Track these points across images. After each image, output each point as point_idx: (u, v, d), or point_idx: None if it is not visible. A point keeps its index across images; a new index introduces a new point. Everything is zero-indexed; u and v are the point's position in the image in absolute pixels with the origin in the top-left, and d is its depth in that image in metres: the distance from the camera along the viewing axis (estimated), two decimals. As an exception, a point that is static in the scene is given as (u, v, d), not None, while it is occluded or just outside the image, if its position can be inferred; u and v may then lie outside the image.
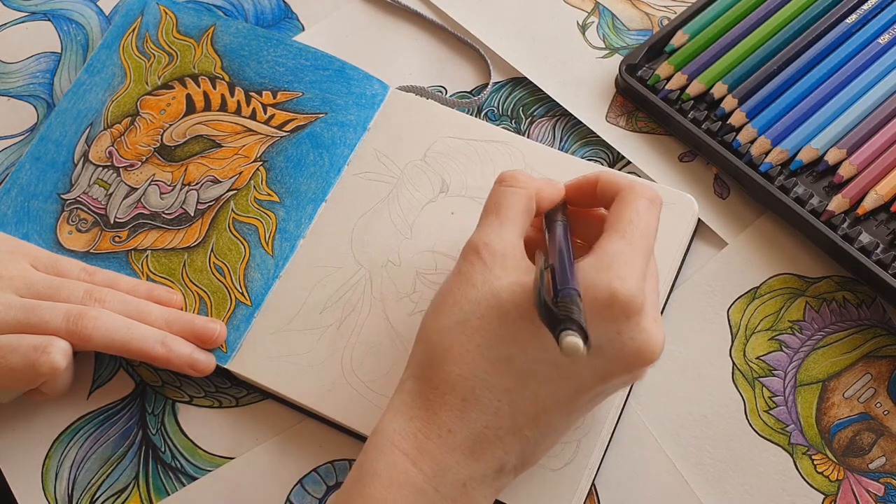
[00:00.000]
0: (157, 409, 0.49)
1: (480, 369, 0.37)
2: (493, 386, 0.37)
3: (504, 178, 0.42)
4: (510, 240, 0.40)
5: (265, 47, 0.56)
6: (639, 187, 0.40)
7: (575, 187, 0.43)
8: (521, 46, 0.58)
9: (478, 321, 0.38)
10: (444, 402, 0.38)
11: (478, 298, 0.38)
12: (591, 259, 0.38)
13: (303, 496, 0.46)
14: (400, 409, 0.39)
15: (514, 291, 0.38)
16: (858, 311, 0.49)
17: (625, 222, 0.39)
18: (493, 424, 0.37)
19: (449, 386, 0.38)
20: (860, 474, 0.45)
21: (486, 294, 0.38)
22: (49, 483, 0.47)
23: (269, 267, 0.50)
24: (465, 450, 0.37)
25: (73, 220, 0.52)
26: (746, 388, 0.47)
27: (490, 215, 0.41)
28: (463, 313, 0.38)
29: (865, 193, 0.49)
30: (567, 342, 0.32)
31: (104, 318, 0.46)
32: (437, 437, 0.37)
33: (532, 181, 0.42)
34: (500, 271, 0.38)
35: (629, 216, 0.39)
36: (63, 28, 0.61)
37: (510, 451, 0.38)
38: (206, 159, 0.53)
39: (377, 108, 0.55)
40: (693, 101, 0.54)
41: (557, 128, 0.55)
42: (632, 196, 0.40)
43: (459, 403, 0.37)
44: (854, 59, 0.53)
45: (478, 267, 0.39)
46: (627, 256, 0.37)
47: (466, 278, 0.39)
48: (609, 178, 0.42)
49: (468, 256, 0.40)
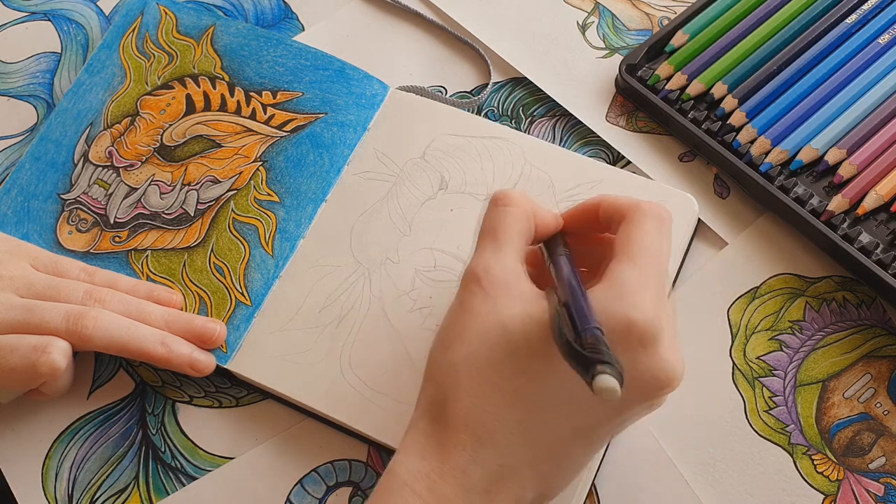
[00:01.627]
0: (157, 409, 0.49)
1: (491, 403, 0.36)
2: (505, 419, 0.36)
3: (498, 198, 0.40)
4: (510, 265, 0.38)
5: (265, 47, 0.56)
6: (645, 206, 0.39)
7: (574, 216, 0.42)
8: (521, 46, 0.58)
9: (487, 353, 0.36)
10: (458, 442, 0.36)
11: (485, 331, 0.37)
12: (603, 288, 0.36)
13: (303, 496, 0.46)
14: (412, 449, 0.37)
15: (523, 322, 0.36)
16: (858, 311, 0.49)
17: (634, 246, 0.37)
18: (507, 461, 0.36)
19: (462, 423, 0.36)
20: (860, 474, 0.45)
21: (494, 325, 0.37)
22: (49, 483, 0.47)
23: (269, 267, 0.50)
24: (481, 490, 0.36)
25: (73, 220, 0.52)
26: (746, 388, 0.47)
27: (487, 239, 0.39)
28: (470, 347, 0.37)
29: (865, 193, 0.49)
30: (603, 384, 0.31)
31: (104, 318, 0.46)
32: (452, 479, 0.36)
33: (528, 201, 0.40)
34: (504, 300, 0.37)
35: (638, 238, 0.38)
36: (63, 28, 0.61)
37: (527, 485, 0.37)
38: (206, 159, 0.53)
39: (377, 108, 0.55)
40: (693, 101, 0.54)
41: (557, 128, 0.55)
42: (639, 217, 0.38)
43: (473, 442, 0.36)
44: (854, 59, 0.53)
45: (480, 297, 0.37)
46: (640, 282, 0.36)
47: (470, 309, 0.37)
48: (612, 203, 0.40)
49: (469, 286, 0.38)
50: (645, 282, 0.36)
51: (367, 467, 0.47)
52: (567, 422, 0.36)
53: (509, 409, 0.36)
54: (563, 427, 0.36)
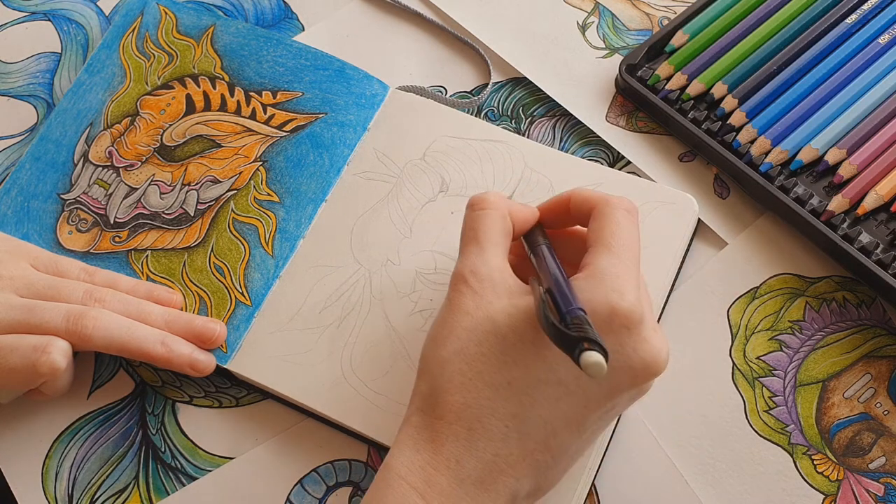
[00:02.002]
0: (157, 409, 0.49)
1: (484, 396, 0.37)
2: (498, 412, 0.37)
3: (475, 202, 0.42)
4: (495, 263, 0.39)
5: (265, 47, 0.56)
6: (614, 200, 0.41)
7: (548, 209, 0.43)
8: (521, 46, 0.58)
9: (476, 347, 0.37)
10: (451, 433, 0.37)
11: (474, 325, 0.38)
12: (584, 276, 0.38)
13: (303, 496, 0.46)
14: (407, 443, 0.38)
15: (510, 314, 0.37)
16: (858, 311, 0.49)
17: (608, 236, 0.39)
18: (502, 452, 0.37)
19: (454, 416, 0.37)
20: (860, 474, 0.45)
21: (482, 320, 0.38)
22: (49, 483, 0.47)
23: (269, 267, 0.50)
24: (476, 480, 0.37)
25: (73, 220, 0.52)
26: (746, 388, 0.47)
27: (470, 243, 0.40)
28: (460, 342, 0.38)
29: (865, 193, 0.49)
30: (589, 360, 0.32)
31: (104, 318, 0.46)
32: (446, 469, 0.37)
33: (504, 201, 0.42)
34: (491, 296, 0.38)
35: (611, 229, 0.39)
36: (63, 28, 0.61)
37: (522, 477, 0.37)
38: (206, 159, 0.53)
39: (377, 108, 0.55)
40: (693, 101, 0.54)
41: (557, 128, 0.55)
42: (609, 209, 0.40)
43: (466, 433, 0.37)
44: (854, 59, 0.53)
45: (468, 295, 0.39)
46: (619, 269, 0.38)
47: (459, 307, 0.39)
48: (582, 195, 0.42)
49: (457, 286, 0.39)
50: (623, 269, 0.38)
51: (367, 467, 0.47)
52: (558, 410, 0.37)
53: (502, 402, 0.37)
54: (555, 417, 0.37)
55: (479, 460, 0.37)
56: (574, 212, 0.42)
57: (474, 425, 0.37)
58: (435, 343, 0.39)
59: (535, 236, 0.42)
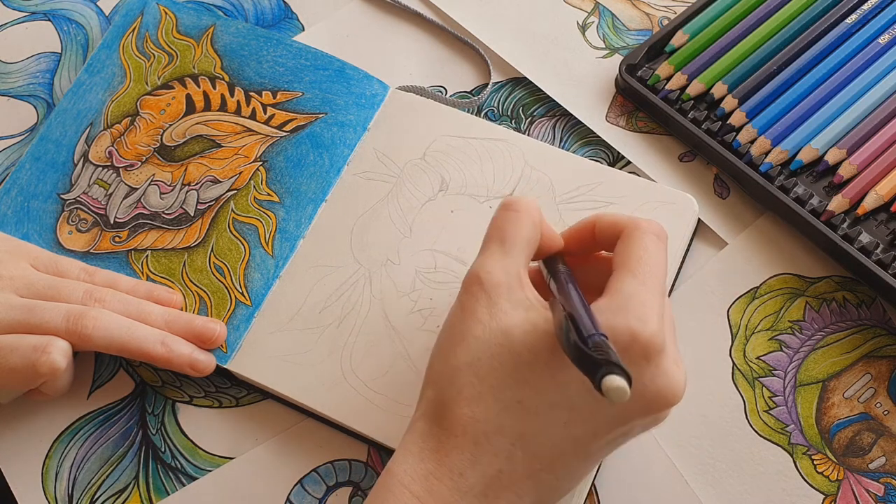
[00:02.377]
0: (157, 409, 0.49)
1: (493, 413, 0.36)
2: (505, 429, 0.36)
3: (509, 203, 0.40)
4: (514, 270, 0.38)
5: (265, 47, 0.56)
6: (643, 223, 0.39)
7: (571, 235, 0.42)
8: (521, 46, 0.58)
9: (489, 362, 0.36)
10: (456, 445, 0.36)
11: (487, 337, 0.37)
12: (606, 301, 0.36)
13: (303, 496, 0.46)
14: (411, 450, 0.37)
15: (526, 331, 0.36)
16: (858, 311, 0.49)
17: (634, 261, 0.37)
18: (506, 469, 0.36)
19: (461, 428, 0.36)
20: (860, 474, 0.45)
21: (496, 332, 0.36)
22: (49, 483, 0.47)
23: (269, 267, 0.50)
24: (478, 494, 0.36)
25: (73, 220, 0.52)
26: (746, 388, 0.47)
27: (493, 243, 0.39)
28: (473, 353, 0.37)
29: (865, 193, 0.49)
30: (611, 385, 0.31)
31: (104, 318, 0.46)
32: (449, 480, 0.36)
33: (538, 211, 0.40)
34: (505, 305, 0.37)
35: (638, 254, 0.38)
36: (63, 28, 0.61)
37: (525, 494, 0.37)
38: (206, 159, 0.53)
39: (377, 108, 0.55)
40: (693, 101, 0.54)
41: (557, 128, 0.55)
42: (638, 233, 0.39)
43: (471, 447, 0.36)
44: (854, 59, 0.53)
45: (482, 300, 0.37)
46: (643, 297, 0.36)
47: (471, 313, 0.37)
48: (609, 219, 0.40)
49: (470, 287, 0.38)
50: (647, 295, 0.36)
51: (367, 467, 0.47)
52: (568, 433, 0.36)
53: (511, 420, 0.36)
54: (563, 441, 0.36)
55: (483, 475, 0.36)
56: (599, 236, 0.41)
57: (480, 440, 0.36)
58: (445, 350, 0.38)
59: (555, 262, 0.41)
